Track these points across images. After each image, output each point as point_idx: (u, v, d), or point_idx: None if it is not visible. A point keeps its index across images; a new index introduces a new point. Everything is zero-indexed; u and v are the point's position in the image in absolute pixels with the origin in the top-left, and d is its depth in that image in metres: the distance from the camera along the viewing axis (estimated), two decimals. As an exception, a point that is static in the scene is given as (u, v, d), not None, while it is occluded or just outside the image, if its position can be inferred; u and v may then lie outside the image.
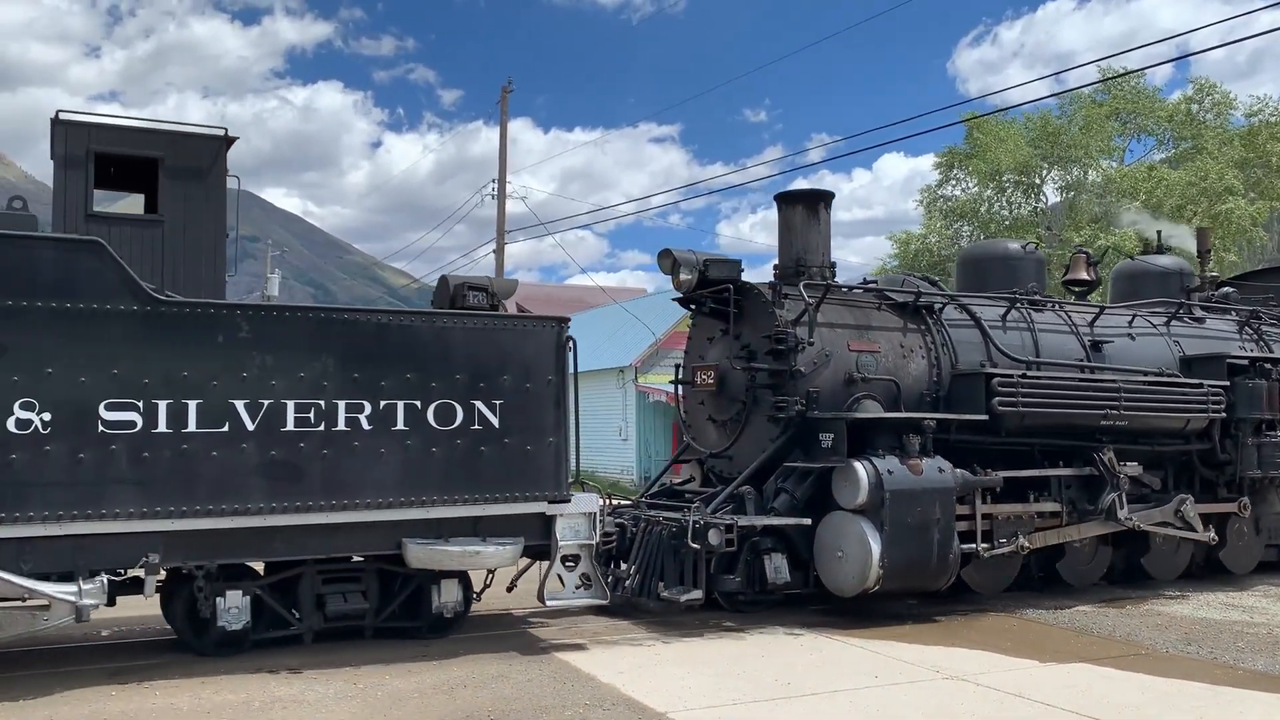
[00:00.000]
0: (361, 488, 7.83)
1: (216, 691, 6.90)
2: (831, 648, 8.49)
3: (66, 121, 7.74)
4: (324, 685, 7.10)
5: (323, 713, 6.46)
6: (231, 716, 6.38)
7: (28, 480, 6.84)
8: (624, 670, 7.56)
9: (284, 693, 6.91)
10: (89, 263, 7.08)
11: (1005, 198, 35.17)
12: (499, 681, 7.19)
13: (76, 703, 6.57)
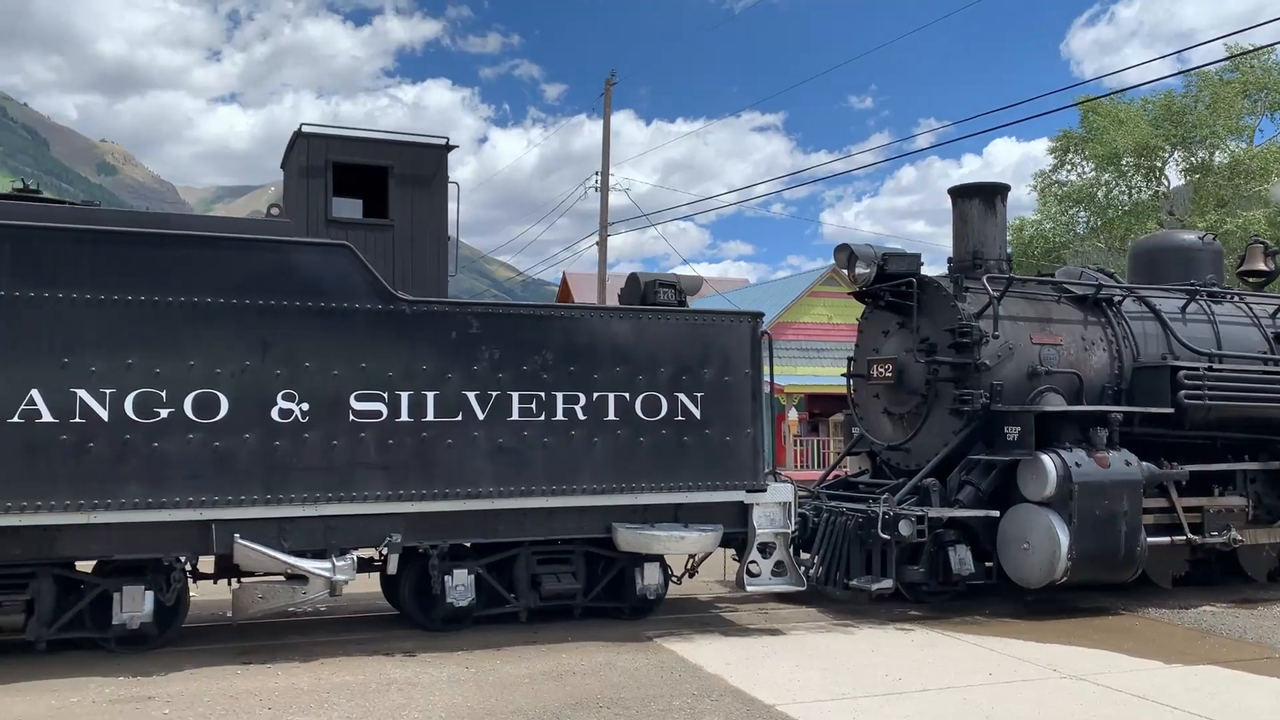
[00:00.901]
0: (577, 474, 8.29)
1: (335, 673, 7.20)
2: (944, 644, 8.38)
3: (309, 134, 8.39)
4: (437, 669, 7.33)
5: (436, 695, 6.64)
6: (348, 696, 6.62)
7: (289, 465, 7.49)
8: (731, 661, 7.57)
9: (399, 675, 7.16)
10: (339, 265, 7.69)
11: (1125, 182, 33.92)
12: (606, 669, 7.31)
13: (206, 680, 6.95)
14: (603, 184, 31.90)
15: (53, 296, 6.99)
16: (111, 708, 6.26)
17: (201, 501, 7.27)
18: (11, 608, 7.21)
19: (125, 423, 7.10)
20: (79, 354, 7.02)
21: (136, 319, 7.17)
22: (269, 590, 7.61)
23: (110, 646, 7.57)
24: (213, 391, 7.32)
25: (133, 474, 7.10)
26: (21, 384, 6.88)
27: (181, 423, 7.23)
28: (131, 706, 6.29)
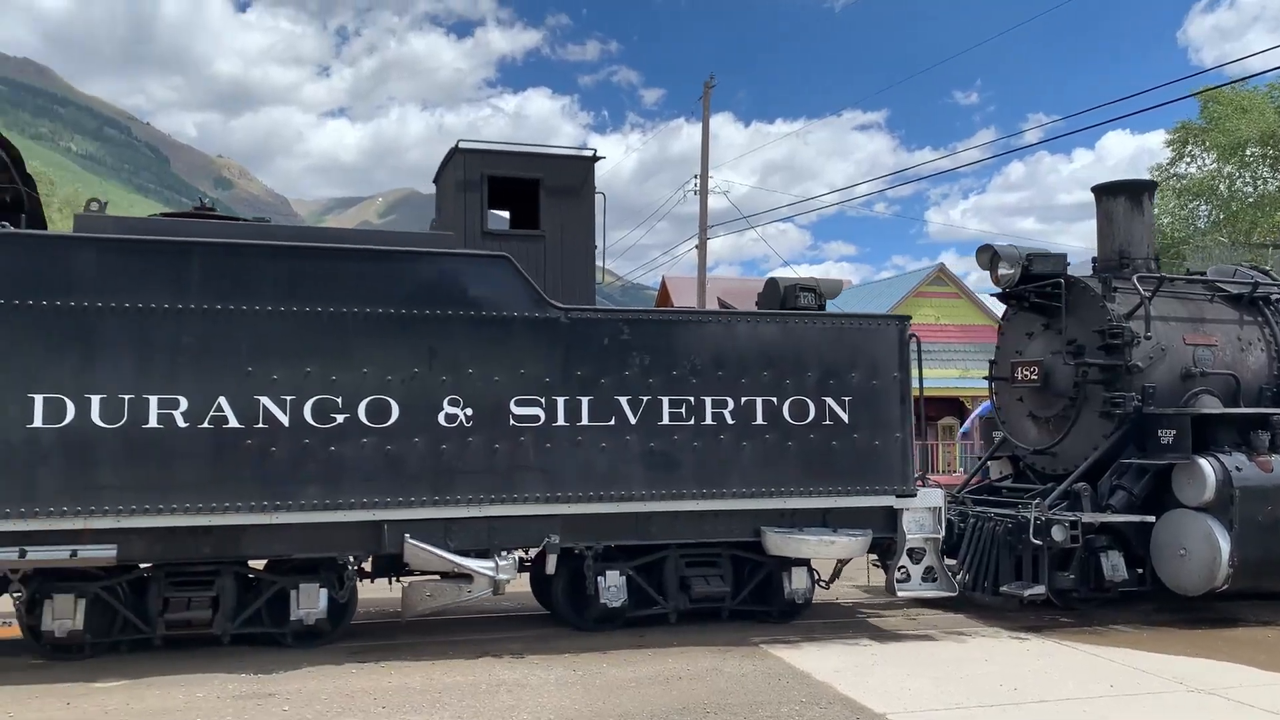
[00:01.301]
0: (726, 478, 8.39)
1: (446, 673, 7.33)
2: (1061, 654, 8.13)
3: (465, 150, 8.71)
4: (545, 671, 7.42)
5: (545, 697, 6.72)
6: (459, 696, 6.72)
7: (454, 468, 7.78)
8: (840, 669, 7.48)
9: (508, 676, 7.27)
10: (499, 276, 7.96)
11: (1250, 173, 32.37)
12: (713, 675, 7.29)
13: (323, 678, 7.14)
14: (702, 187, 31.95)
15: (238, 309, 7.40)
16: (235, 703, 6.53)
17: (375, 503, 7.60)
18: (200, 604, 7.65)
19: (304, 428, 7.47)
20: (262, 363, 7.42)
21: (314, 329, 7.54)
22: (436, 588, 7.91)
23: (287, 641, 7.97)
24: (384, 398, 7.65)
25: (312, 476, 7.47)
26: (211, 392, 7.31)
27: (356, 427, 7.58)
28: (253, 703, 6.55)
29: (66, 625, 7.31)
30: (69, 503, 7.01)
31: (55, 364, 7.03)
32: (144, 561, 7.47)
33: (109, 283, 7.16)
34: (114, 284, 7.17)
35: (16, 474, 6.92)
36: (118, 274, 7.18)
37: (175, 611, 7.60)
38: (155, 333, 7.23)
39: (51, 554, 7.05)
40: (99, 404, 7.09)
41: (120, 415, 7.12)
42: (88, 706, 6.42)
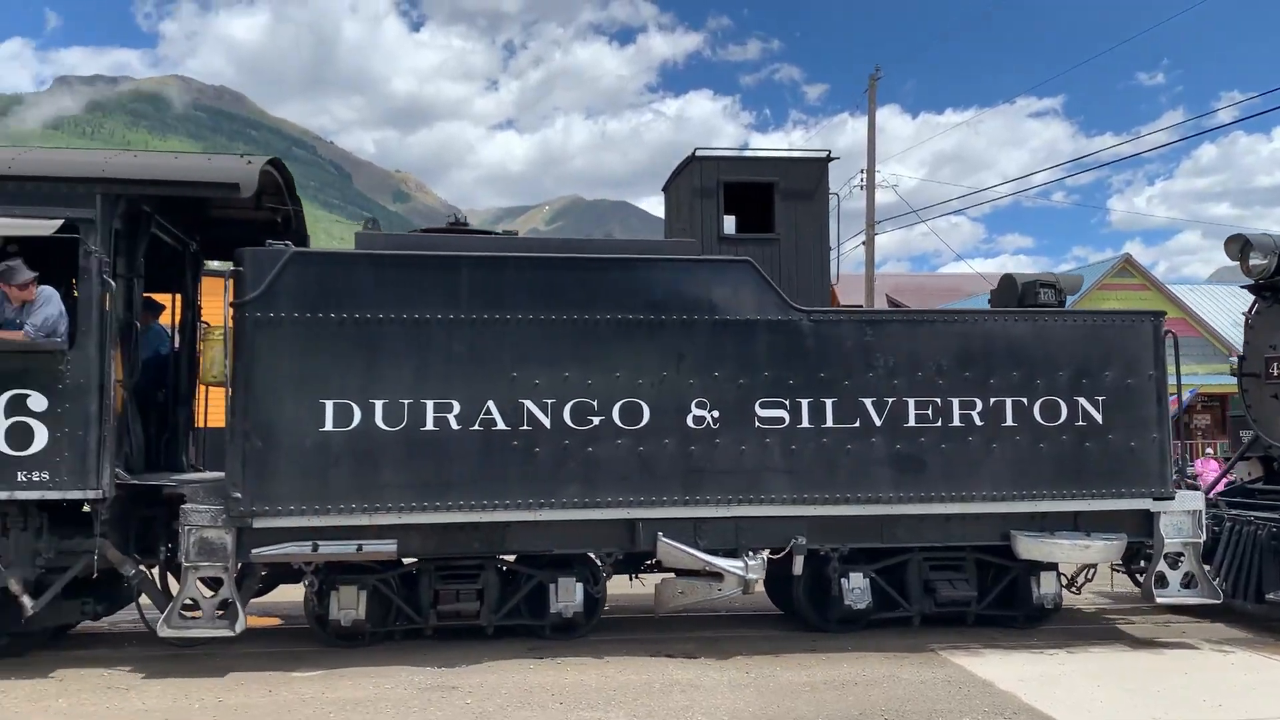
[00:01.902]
0: (974, 480, 8.25)
1: (619, 671, 7.45)
2: (1269, 668, 7.61)
3: (702, 158, 8.89)
4: (718, 672, 7.44)
5: (718, 698, 6.73)
6: (634, 695, 6.83)
7: (703, 468, 7.95)
8: (1025, 679, 7.23)
9: (681, 677, 7.31)
10: (742, 280, 8.08)
11: None
12: (890, 682, 7.15)
13: (502, 673, 7.39)
14: (869, 181, 31.30)
15: (502, 318, 7.80)
16: (421, 694, 6.85)
17: (629, 502, 7.86)
18: (467, 596, 8.10)
19: (564, 430, 7.80)
20: (525, 369, 7.80)
21: (571, 336, 7.86)
22: (688, 586, 8.10)
23: (545, 634, 8.34)
24: (636, 400, 7.90)
25: (571, 476, 7.79)
26: (480, 396, 7.73)
27: (611, 429, 7.86)
28: (438, 694, 6.85)
29: (351, 615, 7.88)
30: (356, 500, 7.56)
31: (342, 372, 7.59)
32: (419, 556, 7.96)
33: (388, 295, 7.68)
34: (392, 296, 7.68)
35: (310, 475, 7.51)
36: (396, 287, 7.69)
37: (446, 603, 8.08)
38: (430, 341, 7.70)
39: (340, 549, 7.62)
40: (382, 409, 7.61)
41: (401, 419, 7.63)
42: (286, 694, 6.91)
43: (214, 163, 7.84)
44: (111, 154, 7.72)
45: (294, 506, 7.49)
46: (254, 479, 7.44)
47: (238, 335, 7.52)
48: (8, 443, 7.15)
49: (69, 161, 7.55)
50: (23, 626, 7.68)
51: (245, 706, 6.61)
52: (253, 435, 7.45)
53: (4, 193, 7.32)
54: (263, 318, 7.53)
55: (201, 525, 7.45)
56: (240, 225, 9.33)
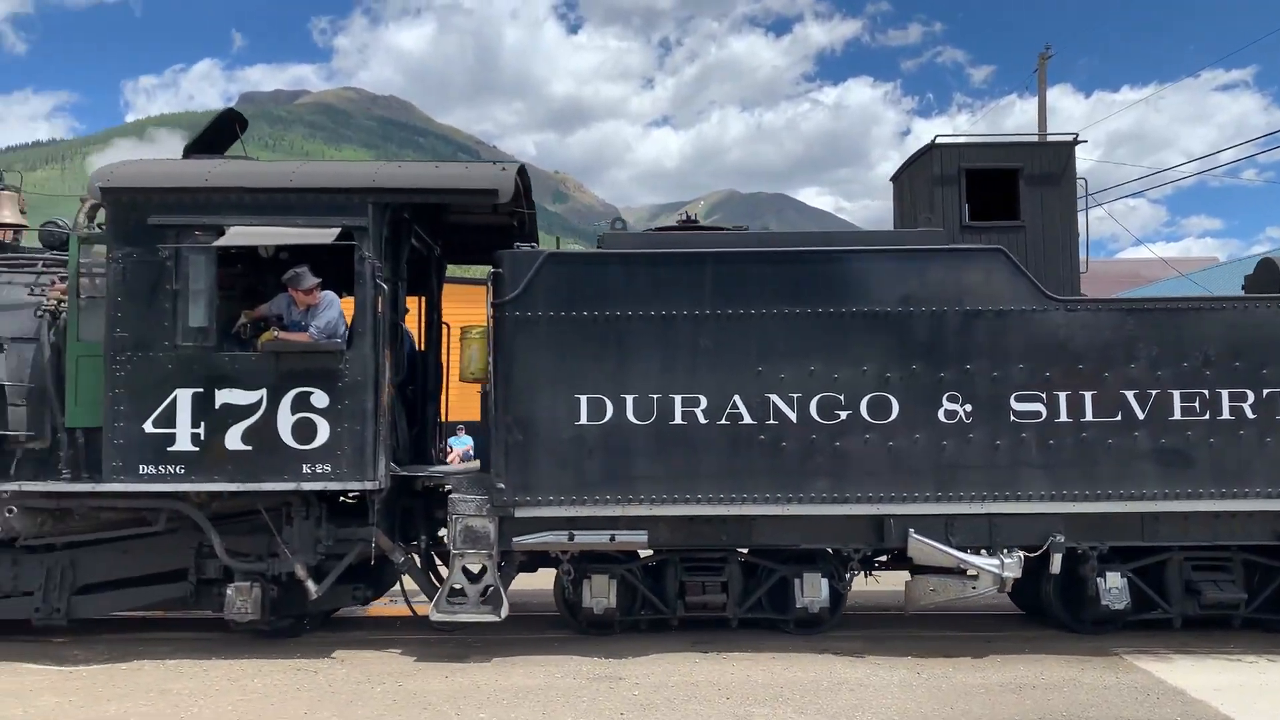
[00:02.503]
0: (1246, 476, 7.77)
1: (787, 668, 7.32)
2: None
3: (942, 145, 8.70)
4: (887, 672, 7.24)
5: (887, 698, 6.52)
6: (801, 693, 6.70)
7: (955, 464, 7.78)
8: (1221, 688, 6.73)
9: (849, 676, 7.14)
10: (993, 269, 7.86)
11: None
12: (1071, 686, 6.79)
13: (668, 666, 7.43)
14: (1038, 164, 29.64)
15: (747, 313, 7.84)
16: (590, 684, 6.97)
17: (879, 497, 7.78)
18: (713, 588, 8.20)
19: (811, 424, 7.79)
20: (771, 363, 7.82)
21: (816, 330, 7.84)
22: (940, 584, 7.96)
23: (789, 629, 8.35)
24: (884, 394, 7.81)
25: (819, 470, 7.77)
26: (727, 390, 7.80)
27: (858, 424, 7.79)
28: (605, 685, 6.93)
29: (603, 603, 8.10)
30: (609, 492, 7.76)
31: (595, 368, 7.81)
32: (667, 547, 8.10)
33: (636, 293, 7.85)
34: (640, 294, 7.84)
35: (567, 466, 7.76)
36: (643, 285, 7.85)
37: (694, 595, 8.19)
38: (677, 337, 7.83)
39: (595, 538, 7.85)
40: (632, 403, 7.79)
41: (650, 413, 7.78)
42: (461, 680, 7.13)
43: (471, 171, 8.19)
44: (379, 165, 8.17)
45: (552, 497, 7.76)
46: (516, 470, 7.74)
47: (497, 334, 7.84)
48: (294, 437, 7.67)
49: (343, 173, 8.03)
50: (303, 609, 8.25)
51: (422, 691, 6.88)
52: (514, 429, 7.76)
53: (286, 204, 7.84)
54: (520, 316, 7.82)
55: (467, 514, 7.81)
56: (476, 230, 9.72)
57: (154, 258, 7.74)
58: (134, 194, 7.79)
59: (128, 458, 7.64)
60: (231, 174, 7.95)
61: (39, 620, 8.12)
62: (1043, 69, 30.09)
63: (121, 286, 7.72)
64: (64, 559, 8.19)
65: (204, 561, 8.15)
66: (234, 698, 6.74)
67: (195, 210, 7.80)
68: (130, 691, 6.89)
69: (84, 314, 7.95)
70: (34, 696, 6.78)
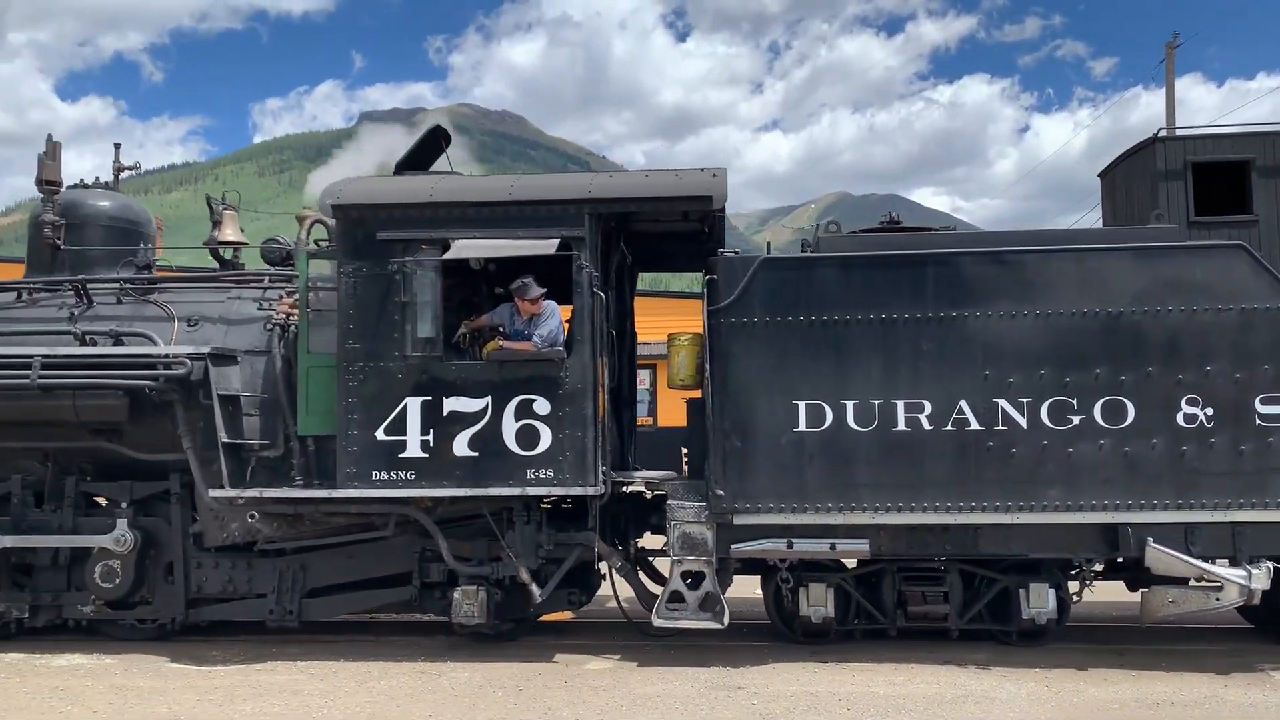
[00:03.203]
0: None
1: (908, 680, 7.17)
2: None
3: (1166, 139, 8.37)
4: (1014, 684, 7.02)
5: (1014, 711, 6.28)
6: (924, 705, 6.54)
7: (1195, 470, 7.44)
8: None
9: (974, 688, 6.94)
10: (1234, 266, 7.50)
11: None
12: (1213, 703, 6.47)
13: (787, 675, 7.36)
14: (1168, 158, 28.25)
15: (970, 315, 7.67)
16: (709, 693, 6.95)
17: (1114, 505, 7.49)
18: (934, 599, 8.02)
19: (1042, 429, 7.56)
20: (998, 367, 7.62)
21: (1045, 332, 7.60)
22: (1181, 595, 7.62)
23: (1012, 640, 8.10)
24: (1119, 398, 7.52)
25: (1050, 478, 7.53)
26: (952, 395, 7.63)
27: (1092, 429, 7.52)
28: (724, 694, 6.89)
29: (820, 612, 8.00)
30: (830, 500, 7.67)
31: (813, 374, 7.74)
32: (888, 556, 7.97)
33: (854, 296, 7.75)
34: (859, 297, 7.75)
35: (786, 474, 7.71)
36: (862, 288, 7.75)
37: (915, 605, 8.03)
38: (898, 341, 7.70)
39: (814, 546, 7.77)
40: (852, 409, 7.69)
41: (872, 419, 7.67)
42: (581, 686, 7.18)
43: (683, 178, 8.22)
44: (592, 176, 8.27)
45: (771, 504, 7.72)
46: (734, 477, 7.73)
47: (713, 339, 7.84)
48: (518, 443, 7.82)
49: (560, 185, 8.17)
50: (522, 613, 8.40)
51: (541, 693, 6.97)
52: (732, 435, 7.75)
53: (507, 217, 8.02)
54: (736, 322, 7.81)
55: (686, 521, 7.83)
56: (659, 237, 9.74)
57: (383, 271, 8.00)
58: (363, 210, 8.08)
59: (361, 465, 7.91)
60: (454, 189, 8.17)
61: (273, 622, 8.48)
62: (1170, 59, 28.76)
63: (352, 300, 8.01)
64: (294, 563, 8.54)
65: (427, 565, 8.38)
66: (361, 699, 6.95)
67: (421, 225, 8.03)
68: (264, 691, 7.16)
69: (313, 327, 8.28)
70: (176, 695, 7.10)
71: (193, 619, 8.68)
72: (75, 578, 8.67)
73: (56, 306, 8.93)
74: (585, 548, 8.17)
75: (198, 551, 8.63)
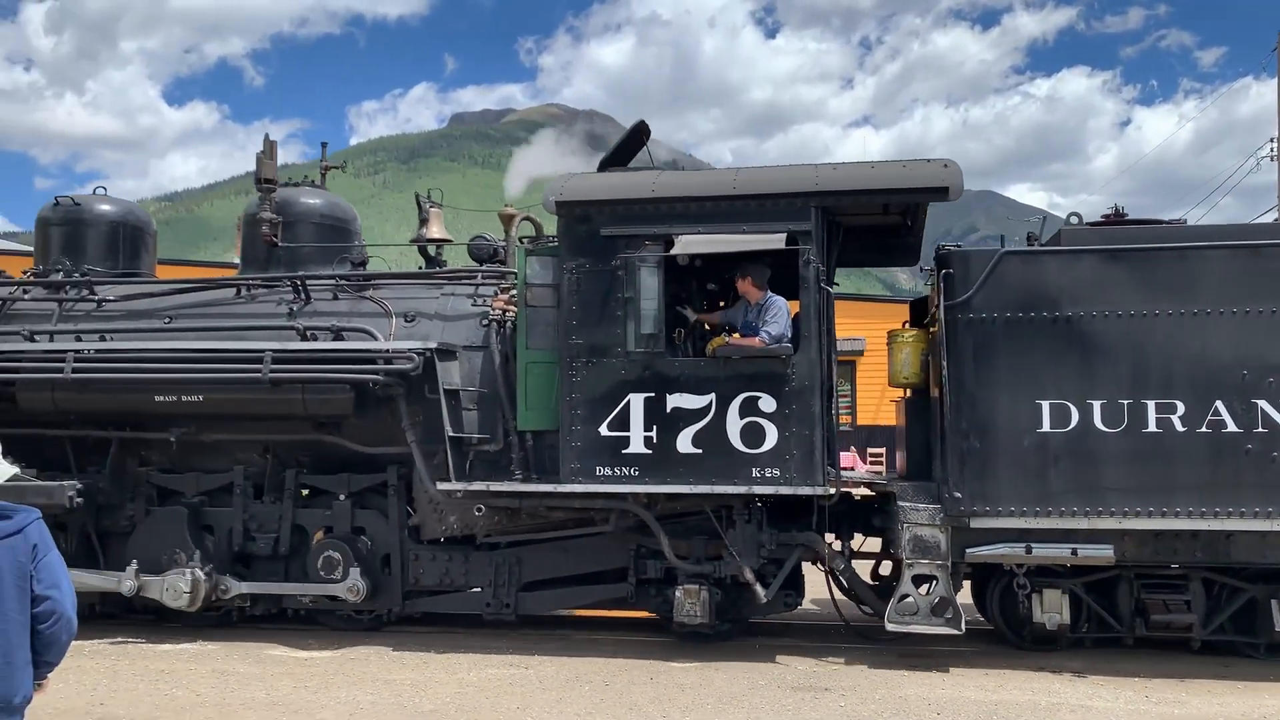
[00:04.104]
0: None
1: (1000, 686, 7.02)
2: None
3: None
4: (1111, 694, 6.82)
5: None
6: (1017, 712, 6.40)
7: None
8: None
9: (1069, 696, 6.76)
10: None
11: None
12: None
13: (875, 679, 7.22)
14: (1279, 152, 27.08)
15: (1228, 311, 7.29)
16: (794, 694, 6.86)
17: (1394, 514, 7.05)
18: (1177, 608, 7.67)
19: (1305, 432, 7.16)
20: (1258, 365, 7.24)
21: (1299, 330, 7.21)
22: None
23: (1259, 655, 7.71)
24: (1391, 401, 7.08)
25: (1314, 483, 7.13)
26: (1207, 396, 7.28)
27: (1361, 434, 7.09)
28: (810, 695, 6.80)
29: (1055, 619, 7.71)
30: (1073, 503, 7.38)
31: (1057, 372, 7.46)
32: (1131, 563, 7.64)
33: (1103, 291, 7.45)
34: (1108, 293, 7.44)
35: (1027, 476, 7.44)
36: (1113, 282, 7.44)
37: (1157, 613, 7.69)
38: (1150, 338, 7.37)
39: (1055, 551, 7.49)
40: (1100, 409, 7.38)
41: (1120, 420, 7.36)
42: (666, 681, 7.16)
43: (911, 169, 8.00)
44: (816, 168, 8.11)
45: (1011, 508, 7.46)
46: (972, 479, 7.50)
47: (949, 336, 7.61)
48: (743, 441, 7.71)
49: (785, 179, 8.02)
50: (739, 614, 8.29)
51: (629, 688, 6.96)
52: (970, 435, 7.52)
53: (731, 212, 7.91)
54: (974, 318, 7.58)
55: (919, 523, 7.62)
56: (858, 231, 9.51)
57: (605, 267, 7.97)
58: (586, 207, 8.06)
59: (585, 460, 7.89)
60: (675, 184, 8.10)
61: (489, 615, 8.53)
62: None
63: (575, 295, 8.00)
64: (510, 557, 8.57)
65: (643, 562, 8.33)
66: (451, 689, 6.97)
67: (643, 220, 7.98)
68: (358, 680, 7.24)
69: (530, 322, 8.29)
70: (274, 680, 7.22)
71: (408, 610, 8.79)
72: (293, 568, 8.85)
73: (275, 302, 9.13)
74: (806, 548, 8.03)
75: (414, 544, 8.73)
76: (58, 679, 3.79)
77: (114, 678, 7.29)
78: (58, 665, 3.47)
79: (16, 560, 3.26)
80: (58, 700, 6.46)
